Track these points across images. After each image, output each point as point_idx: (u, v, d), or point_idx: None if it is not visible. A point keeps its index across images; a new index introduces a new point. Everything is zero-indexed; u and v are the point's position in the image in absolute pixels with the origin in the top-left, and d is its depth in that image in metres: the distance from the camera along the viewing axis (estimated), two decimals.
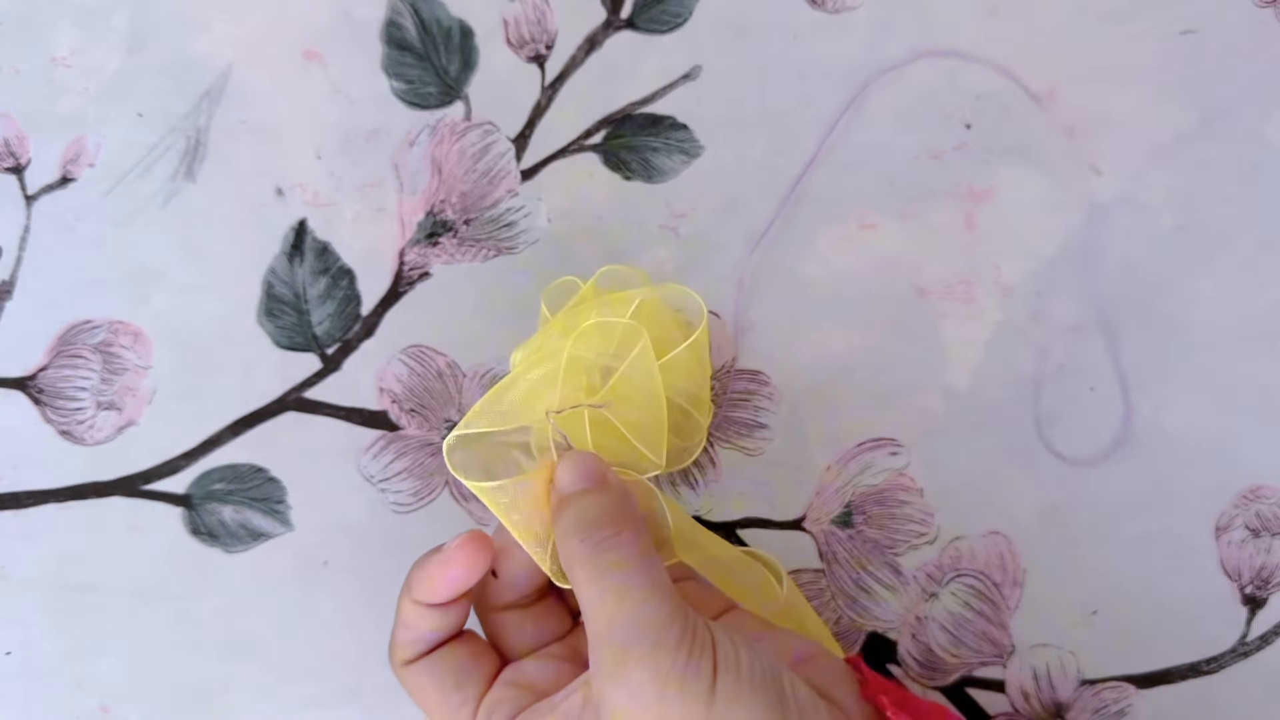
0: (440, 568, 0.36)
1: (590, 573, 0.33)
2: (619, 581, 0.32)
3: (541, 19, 0.46)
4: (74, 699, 0.44)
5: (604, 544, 0.33)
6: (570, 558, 0.34)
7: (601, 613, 0.32)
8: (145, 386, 0.45)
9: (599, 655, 0.32)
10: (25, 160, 0.46)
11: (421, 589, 0.36)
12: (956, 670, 0.42)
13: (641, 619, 0.31)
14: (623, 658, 0.31)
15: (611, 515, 0.34)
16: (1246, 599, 0.42)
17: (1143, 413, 0.42)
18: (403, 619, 0.37)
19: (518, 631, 0.38)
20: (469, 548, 0.36)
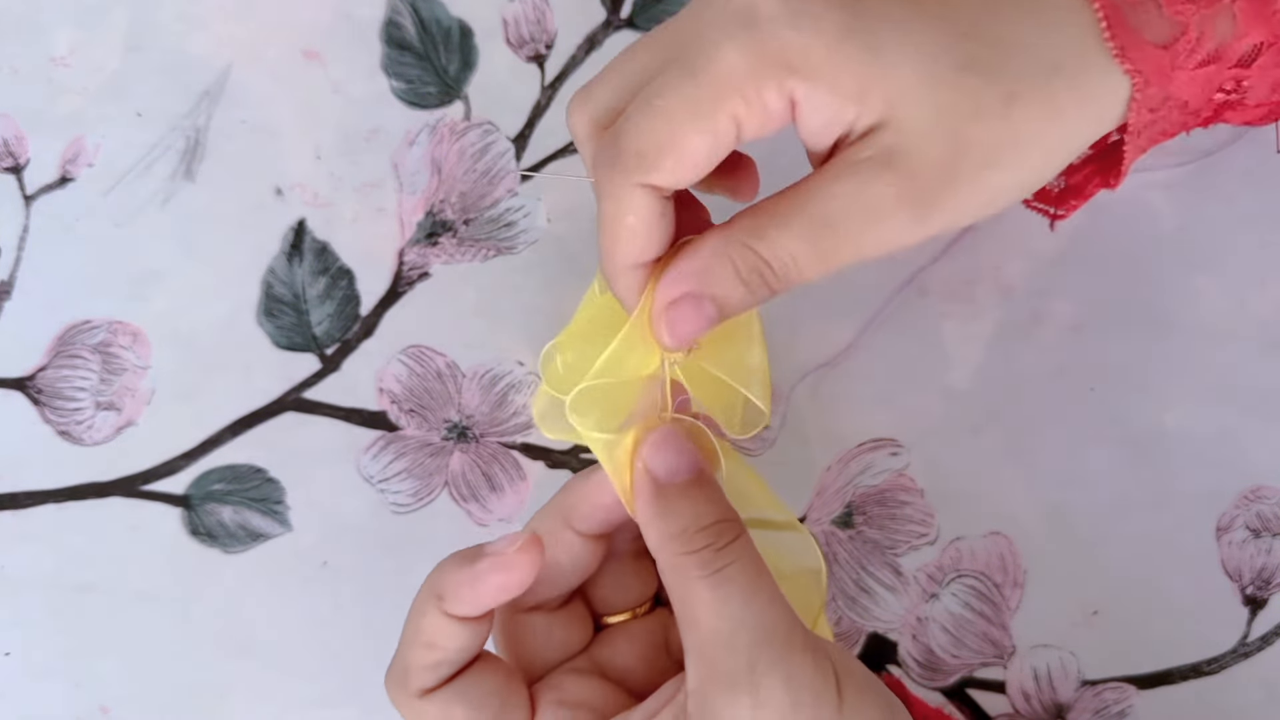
0: (493, 573, 0.31)
1: (711, 578, 0.30)
2: (744, 585, 0.30)
3: (541, 18, 0.46)
4: (73, 699, 0.44)
5: (725, 551, 0.30)
6: (681, 561, 0.30)
7: (724, 618, 0.29)
8: (144, 387, 0.45)
9: (717, 664, 0.29)
10: (24, 160, 0.46)
11: (461, 599, 0.31)
12: (957, 671, 0.42)
13: (768, 624, 0.29)
14: (751, 665, 0.29)
15: (722, 513, 0.31)
16: (1247, 599, 0.42)
17: (1143, 413, 0.42)
18: (425, 638, 0.32)
19: (545, 639, 0.35)
20: (530, 551, 0.31)
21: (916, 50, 0.30)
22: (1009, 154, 0.31)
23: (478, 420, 0.44)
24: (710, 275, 0.31)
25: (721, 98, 0.30)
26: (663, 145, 0.30)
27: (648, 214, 0.31)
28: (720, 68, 0.29)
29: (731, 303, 0.31)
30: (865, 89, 0.30)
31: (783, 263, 0.31)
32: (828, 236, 0.31)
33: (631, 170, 0.30)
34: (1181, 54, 0.32)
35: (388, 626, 0.37)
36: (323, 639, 0.43)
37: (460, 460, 0.44)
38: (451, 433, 0.44)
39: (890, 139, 0.30)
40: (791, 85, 0.30)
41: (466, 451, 0.44)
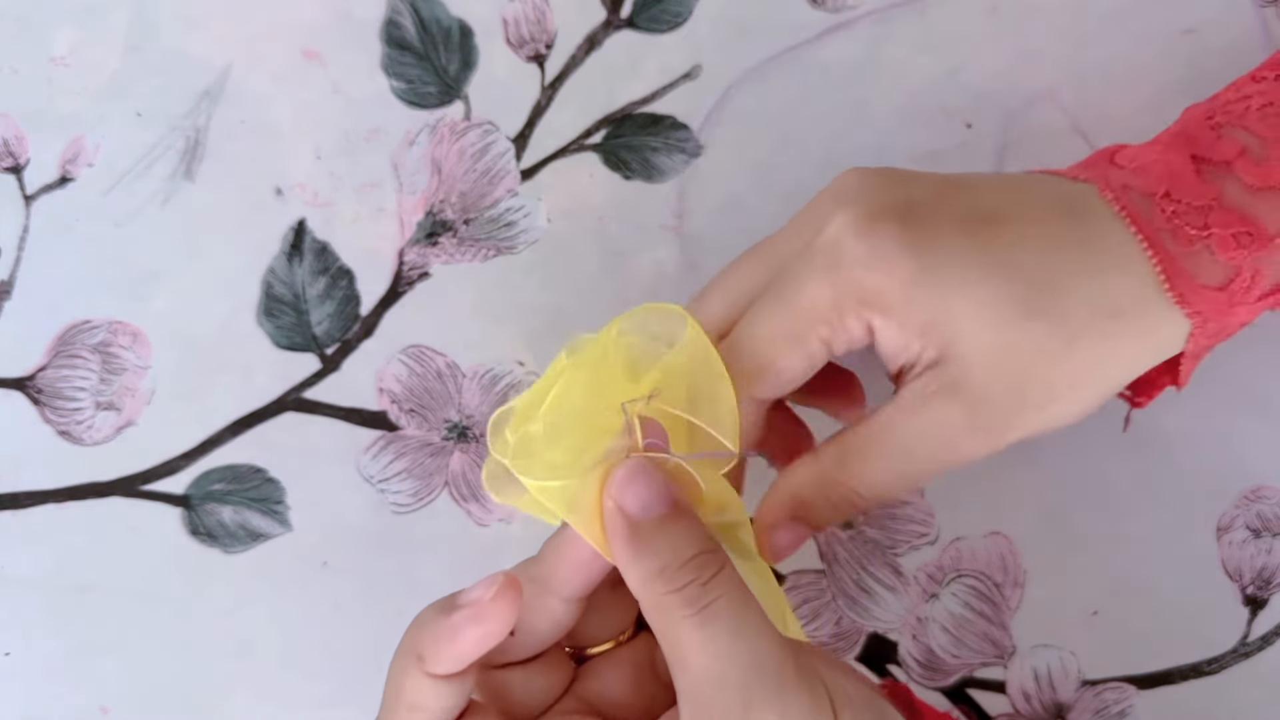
0: (471, 626, 0.30)
1: (697, 616, 0.29)
2: (731, 621, 0.29)
3: (541, 18, 0.45)
4: (73, 700, 0.44)
5: (709, 586, 0.29)
6: (665, 600, 0.29)
7: (714, 656, 0.29)
8: (144, 387, 0.45)
9: (711, 705, 0.28)
10: (24, 160, 0.46)
11: (440, 657, 0.30)
12: (957, 671, 0.42)
13: (759, 658, 0.29)
14: (745, 703, 0.28)
15: (703, 545, 0.30)
16: (1248, 600, 0.42)
17: (1143, 413, 0.42)
18: (409, 700, 0.30)
19: (524, 690, 0.33)
20: (507, 597, 0.30)
21: (981, 296, 0.33)
22: (1069, 390, 0.34)
23: (478, 420, 0.44)
24: (806, 505, 0.36)
25: (811, 326, 0.34)
26: (764, 368, 0.35)
27: (751, 417, 0.36)
28: (807, 302, 0.34)
29: (824, 523, 0.36)
30: (930, 326, 0.34)
31: (871, 490, 0.35)
32: (909, 465, 0.35)
33: (742, 388, 0.35)
34: (1238, 292, 0.35)
35: (388, 626, 0.37)
36: (323, 639, 0.43)
37: (460, 460, 0.44)
38: (452, 433, 0.44)
39: (956, 372, 0.34)
40: (868, 316, 0.34)
41: (467, 451, 0.44)
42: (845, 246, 0.34)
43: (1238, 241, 0.34)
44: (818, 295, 0.34)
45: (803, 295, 0.34)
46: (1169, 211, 0.35)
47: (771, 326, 0.35)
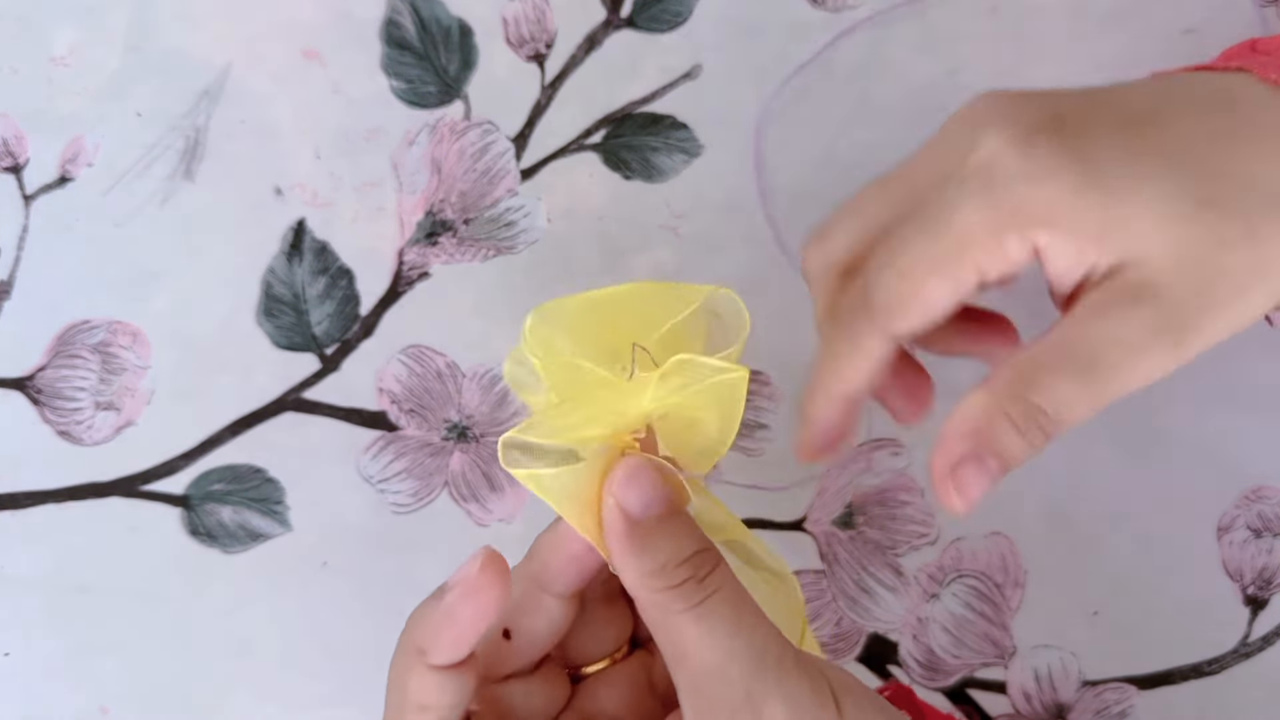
0: (465, 603, 0.29)
1: (695, 609, 0.29)
2: (730, 614, 0.29)
3: (541, 18, 0.45)
4: (73, 700, 0.43)
5: (706, 581, 0.30)
6: (662, 597, 0.30)
7: (714, 649, 0.29)
8: (144, 387, 0.45)
9: (714, 697, 0.28)
10: (24, 160, 0.46)
11: (441, 645, 0.30)
12: (958, 671, 0.42)
13: (759, 649, 0.29)
14: (748, 693, 0.28)
15: (700, 543, 0.30)
16: (1248, 600, 0.42)
17: (1143, 413, 0.42)
18: (416, 700, 0.30)
19: (526, 705, 0.33)
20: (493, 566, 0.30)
21: (1153, 192, 0.32)
22: (1257, 281, 0.32)
23: (478, 420, 0.44)
24: (988, 433, 0.32)
25: (964, 252, 0.32)
26: (908, 300, 0.32)
27: (882, 358, 0.34)
28: (962, 226, 0.32)
29: (1012, 455, 0.33)
30: (1105, 232, 0.31)
31: (1057, 408, 0.32)
32: (1096, 376, 0.32)
33: (879, 322, 0.33)
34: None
35: (388, 626, 0.37)
36: (323, 639, 0.43)
37: (460, 460, 0.44)
38: (451, 433, 0.44)
39: (1136, 276, 0.32)
40: (1034, 235, 0.32)
41: (466, 451, 0.44)
42: (1002, 164, 0.32)
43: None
44: (973, 218, 0.32)
45: (956, 219, 0.32)
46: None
47: (917, 254, 0.32)
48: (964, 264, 0.32)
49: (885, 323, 0.33)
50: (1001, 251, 0.32)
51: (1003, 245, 0.32)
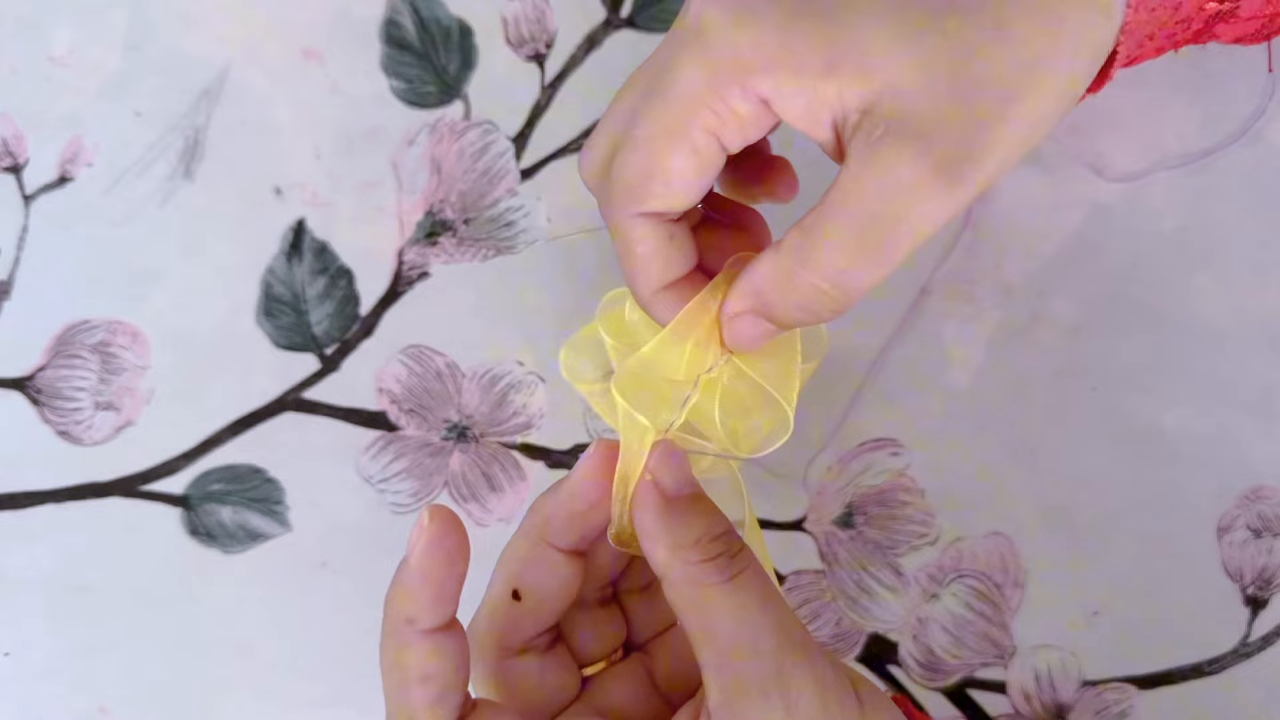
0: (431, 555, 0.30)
1: (729, 583, 0.29)
2: (759, 591, 0.29)
3: (541, 18, 0.45)
4: (72, 700, 0.43)
5: (738, 558, 0.30)
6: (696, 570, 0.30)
7: (745, 624, 0.29)
8: (143, 387, 0.44)
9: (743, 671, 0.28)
10: (23, 160, 0.45)
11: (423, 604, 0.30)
12: (958, 671, 0.42)
13: (788, 629, 0.29)
14: (778, 669, 0.28)
15: (727, 524, 0.31)
16: (1248, 600, 0.42)
17: (1143, 413, 0.42)
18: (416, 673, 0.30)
19: (539, 684, 0.34)
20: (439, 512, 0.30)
21: (877, 7, 0.29)
22: (1024, 81, 0.29)
23: (477, 420, 0.44)
24: (770, 299, 0.31)
25: (690, 115, 0.30)
26: (647, 173, 0.30)
27: (655, 241, 0.32)
28: (682, 87, 0.30)
29: (793, 323, 0.32)
30: (831, 65, 0.29)
31: (835, 281, 0.30)
32: (871, 234, 0.29)
33: (626, 202, 0.31)
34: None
35: None
36: (322, 639, 0.43)
37: (460, 460, 0.44)
38: (451, 433, 0.44)
39: (891, 108, 0.28)
40: (754, 84, 0.29)
41: (466, 451, 0.44)
42: (709, 16, 0.29)
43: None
44: (690, 77, 0.29)
45: (678, 82, 0.30)
46: None
47: (650, 128, 0.30)
48: (695, 129, 0.30)
49: (635, 203, 0.31)
50: (729, 110, 0.30)
51: (728, 103, 0.29)
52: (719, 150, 0.31)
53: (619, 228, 0.32)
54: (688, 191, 0.31)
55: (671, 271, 0.32)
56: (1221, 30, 0.34)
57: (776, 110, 0.30)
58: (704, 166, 0.31)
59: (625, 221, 0.31)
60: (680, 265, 0.32)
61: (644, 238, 0.32)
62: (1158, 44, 0.33)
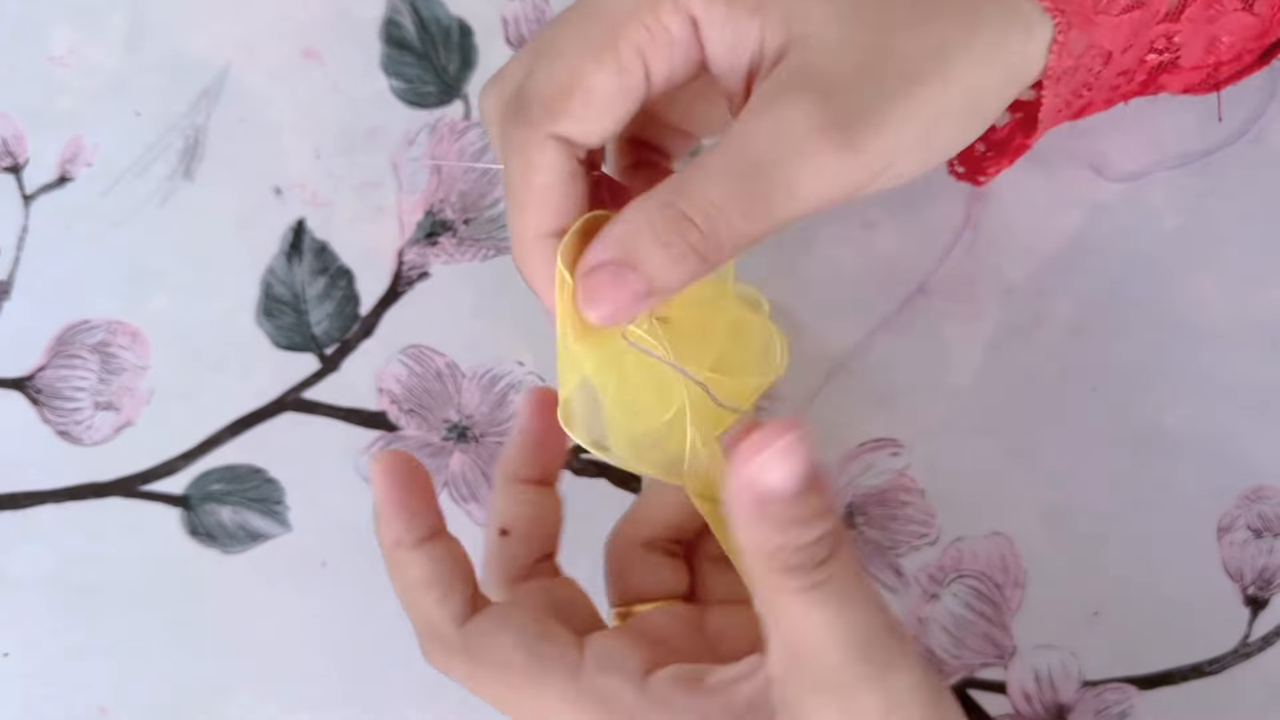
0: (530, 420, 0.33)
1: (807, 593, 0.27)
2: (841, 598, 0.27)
3: (541, 17, 0.45)
4: (72, 700, 0.43)
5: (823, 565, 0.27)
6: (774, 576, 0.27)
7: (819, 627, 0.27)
8: (143, 387, 0.44)
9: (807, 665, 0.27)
10: (23, 160, 0.45)
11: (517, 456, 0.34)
12: (958, 672, 0.42)
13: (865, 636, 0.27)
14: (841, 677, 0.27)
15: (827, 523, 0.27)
16: (1248, 600, 0.42)
17: (1144, 413, 0.42)
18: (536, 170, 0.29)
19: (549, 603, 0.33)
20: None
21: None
22: (933, 66, 0.29)
23: (477, 420, 0.44)
24: (628, 241, 0.28)
25: (620, 28, 0.28)
26: (567, 87, 0.29)
27: (560, 171, 0.29)
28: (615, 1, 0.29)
29: (655, 268, 0.28)
30: (762, 1, 0.28)
31: (707, 215, 0.28)
32: (753, 179, 0.28)
33: (538, 120, 0.29)
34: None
35: (387, 626, 0.37)
36: (323, 639, 0.43)
37: (460, 460, 0.44)
38: (451, 433, 0.44)
39: (800, 57, 0.28)
40: (687, 3, 0.28)
41: (466, 452, 0.44)
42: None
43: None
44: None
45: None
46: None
47: (574, 42, 0.29)
48: (624, 44, 0.28)
49: (550, 122, 0.29)
50: (660, 26, 0.28)
51: (659, 17, 0.28)
52: (643, 76, 0.29)
53: (522, 149, 0.29)
54: (606, 115, 0.29)
55: (565, 214, 0.30)
56: (1167, 81, 0.35)
57: (703, 36, 0.29)
58: (627, 89, 0.29)
59: (531, 142, 0.29)
60: (575, 210, 0.30)
61: (549, 165, 0.29)
62: (1103, 95, 0.33)
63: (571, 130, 0.29)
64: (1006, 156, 0.35)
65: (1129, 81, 0.34)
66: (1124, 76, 0.33)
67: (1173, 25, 0.32)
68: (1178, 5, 0.31)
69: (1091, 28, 0.30)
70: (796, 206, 0.28)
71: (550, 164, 0.29)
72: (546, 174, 0.29)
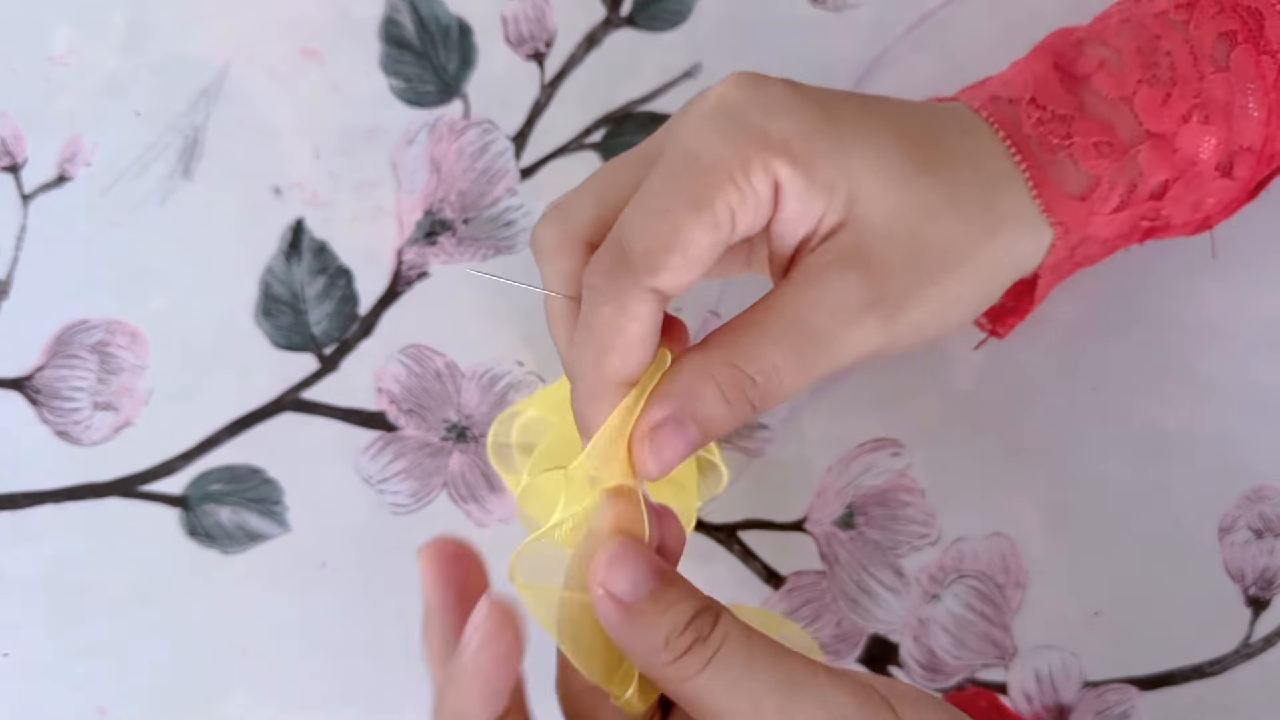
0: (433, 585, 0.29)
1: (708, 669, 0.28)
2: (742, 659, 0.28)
3: (541, 16, 0.45)
4: (71, 700, 0.43)
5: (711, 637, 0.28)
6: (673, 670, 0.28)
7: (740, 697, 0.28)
8: (142, 387, 0.44)
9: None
10: (22, 159, 0.45)
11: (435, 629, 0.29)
12: (959, 672, 0.42)
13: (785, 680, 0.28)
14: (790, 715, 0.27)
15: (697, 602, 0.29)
16: (1250, 600, 0.42)
17: (1144, 413, 0.42)
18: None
19: None
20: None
21: (878, 151, 0.32)
22: (960, 260, 0.33)
23: (477, 420, 0.44)
24: (692, 396, 0.31)
25: (715, 185, 0.30)
26: (668, 242, 0.30)
27: (653, 323, 0.31)
28: (708, 158, 0.31)
29: (715, 422, 0.31)
30: (835, 182, 0.31)
31: (765, 375, 0.31)
32: (807, 343, 0.31)
33: (640, 272, 0.30)
34: (1098, 202, 0.35)
35: (387, 626, 0.37)
36: (322, 639, 0.43)
37: (459, 460, 0.44)
38: (451, 433, 0.44)
39: (853, 239, 0.31)
40: (776, 166, 0.31)
41: (466, 452, 0.44)
42: (735, 98, 0.31)
43: (1099, 150, 0.34)
44: (718, 149, 0.30)
45: (701, 154, 0.31)
46: (1034, 119, 0.35)
47: (671, 196, 0.30)
48: (717, 200, 0.30)
49: (650, 275, 0.30)
50: (749, 184, 0.31)
51: (749, 176, 0.31)
52: (731, 231, 0.31)
53: (619, 299, 0.30)
54: (699, 268, 0.31)
55: (645, 363, 0.31)
56: (1160, 234, 0.38)
57: (781, 199, 0.31)
58: (718, 245, 0.31)
59: (631, 293, 0.30)
60: (650, 361, 0.31)
61: (644, 315, 0.30)
62: (1101, 255, 0.38)
63: (670, 282, 0.30)
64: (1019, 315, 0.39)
65: (1127, 240, 0.38)
66: (1122, 239, 0.38)
67: (1157, 204, 0.36)
68: (1160, 187, 0.35)
69: (1086, 228, 0.35)
70: (836, 365, 0.32)
71: (646, 315, 0.30)
72: (641, 324, 0.30)
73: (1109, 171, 0.35)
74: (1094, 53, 0.36)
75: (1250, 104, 0.36)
